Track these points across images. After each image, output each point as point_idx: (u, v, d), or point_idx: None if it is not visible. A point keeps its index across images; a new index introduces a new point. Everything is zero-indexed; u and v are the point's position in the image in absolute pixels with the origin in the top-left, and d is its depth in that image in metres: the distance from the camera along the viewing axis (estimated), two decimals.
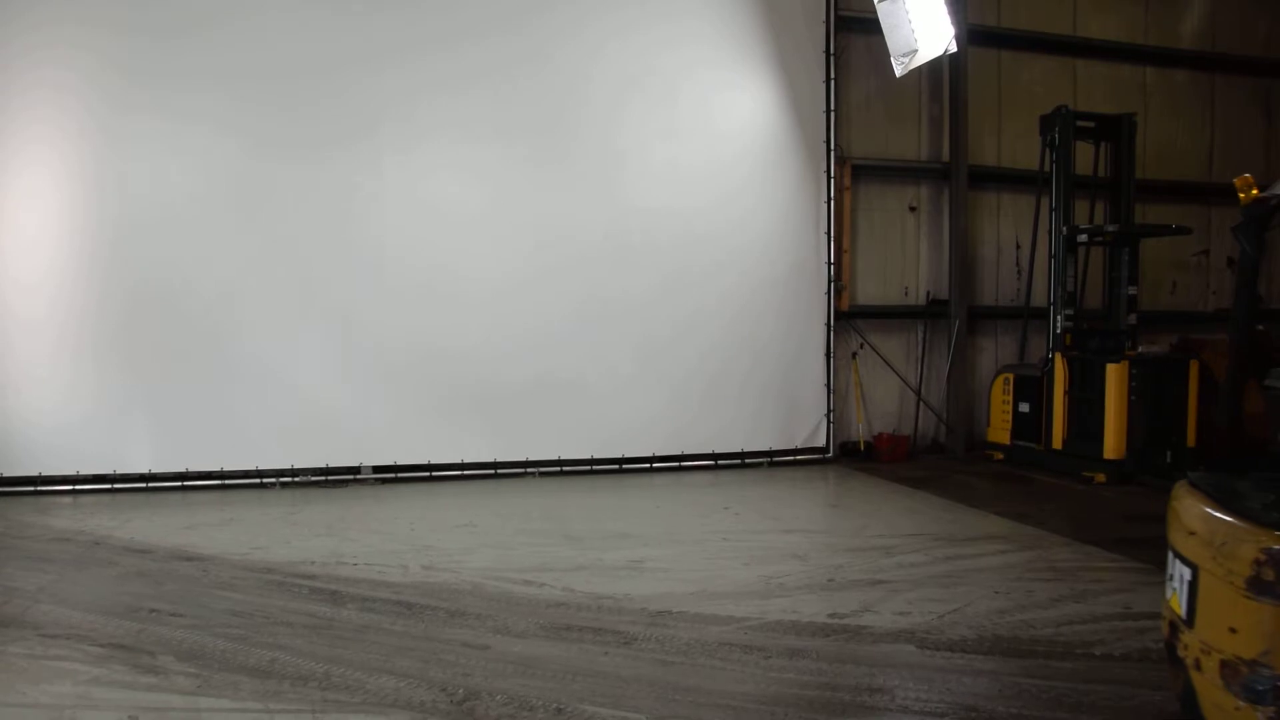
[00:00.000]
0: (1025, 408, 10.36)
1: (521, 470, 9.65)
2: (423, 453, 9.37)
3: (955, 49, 9.91)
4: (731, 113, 10.30)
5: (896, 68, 10.16)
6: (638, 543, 6.91)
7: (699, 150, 10.10)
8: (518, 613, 5.20)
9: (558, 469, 9.72)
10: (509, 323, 9.50)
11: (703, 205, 10.05)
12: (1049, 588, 5.77)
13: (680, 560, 6.41)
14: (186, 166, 8.74)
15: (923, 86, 11.37)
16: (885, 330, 11.36)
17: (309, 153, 9.01)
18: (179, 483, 8.74)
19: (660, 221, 9.93)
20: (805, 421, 10.64)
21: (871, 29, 10.34)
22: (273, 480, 8.96)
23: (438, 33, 9.32)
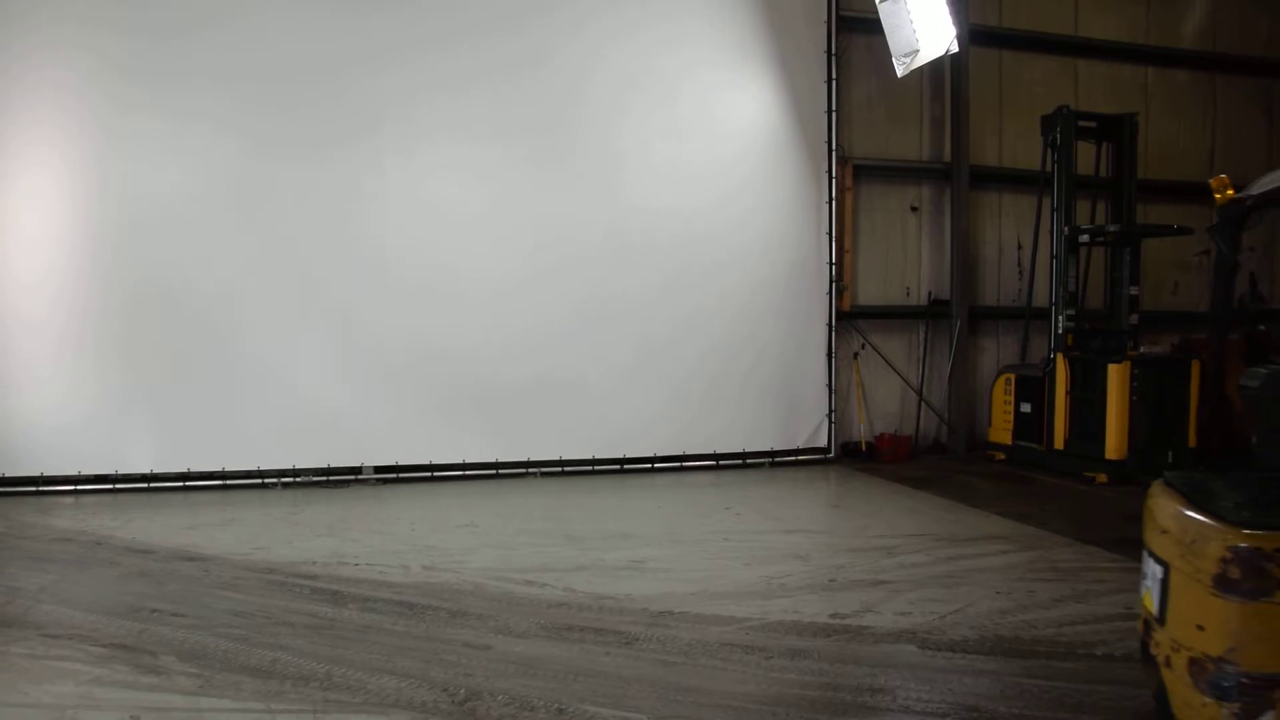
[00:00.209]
0: (1027, 408, 10.35)
1: (523, 470, 9.64)
2: (424, 453, 9.37)
3: (956, 49, 9.89)
4: (732, 113, 10.30)
5: (898, 68, 10.15)
6: (639, 543, 6.91)
7: (699, 150, 10.10)
8: (519, 613, 5.20)
9: (559, 469, 9.72)
10: (509, 322, 9.50)
11: (703, 205, 10.05)
12: (1051, 588, 5.77)
13: (682, 560, 6.41)
14: (187, 166, 8.75)
15: (924, 87, 11.37)
16: (887, 330, 11.36)
17: (309, 153, 9.01)
18: (180, 483, 8.74)
19: (661, 221, 9.93)
20: (807, 422, 10.64)
21: (873, 29, 10.33)
22: (274, 480, 8.96)
23: (438, 33, 9.32)
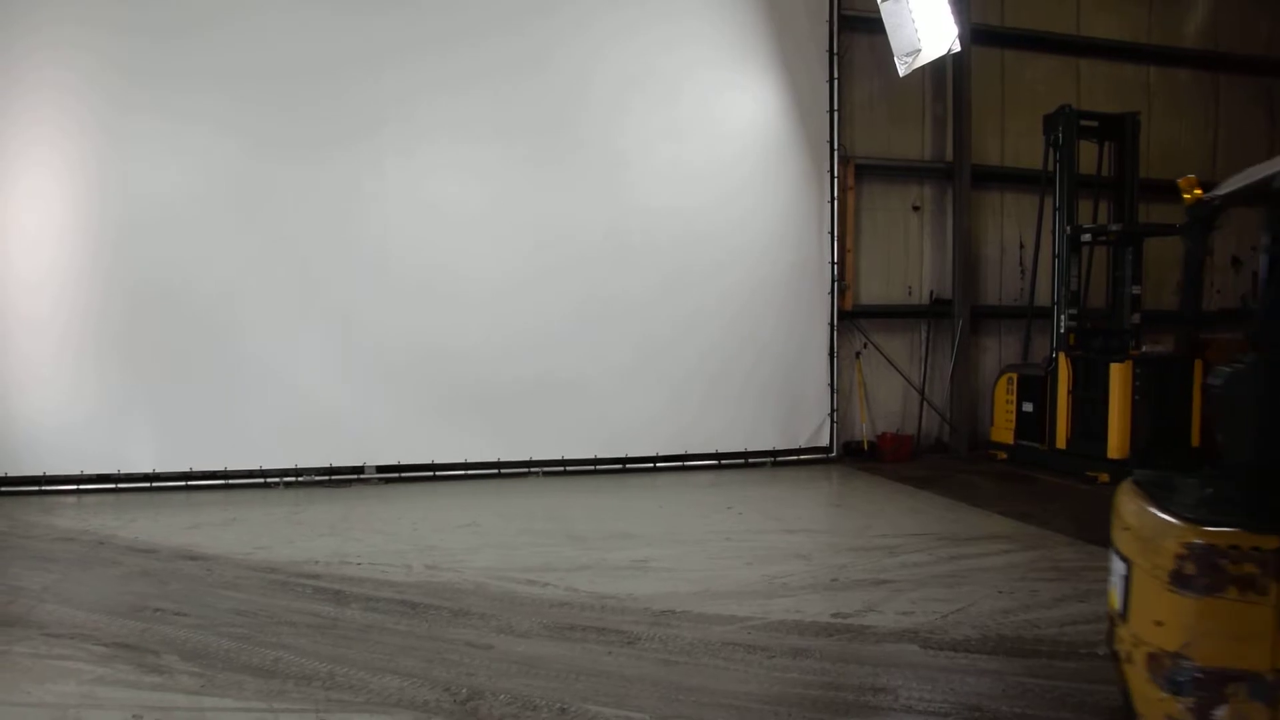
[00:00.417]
0: (1029, 407, 10.34)
1: (525, 470, 9.64)
2: (425, 452, 9.37)
3: (958, 48, 9.89)
4: (733, 113, 10.29)
5: (900, 67, 10.15)
6: (641, 542, 6.91)
7: (700, 150, 10.09)
8: (521, 612, 5.20)
9: (561, 469, 9.71)
10: (510, 322, 9.50)
11: (704, 205, 10.05)
12: (1053, 587, 5.76)
13: (683, 560, 6.41)
14: (187, 166, 8.75)
15: (926, 86, 11.36)
16: (889, 330, 11.35)
17: (309, 153, 9.01)
18: (183, 482, 8.75)
19: (661, 221, 9.93)
20: (808, 421, 10.63)
21: (875, 28, 10.34)
22: (276, 480, 8.96)
23: (438, 33, 9.32)
